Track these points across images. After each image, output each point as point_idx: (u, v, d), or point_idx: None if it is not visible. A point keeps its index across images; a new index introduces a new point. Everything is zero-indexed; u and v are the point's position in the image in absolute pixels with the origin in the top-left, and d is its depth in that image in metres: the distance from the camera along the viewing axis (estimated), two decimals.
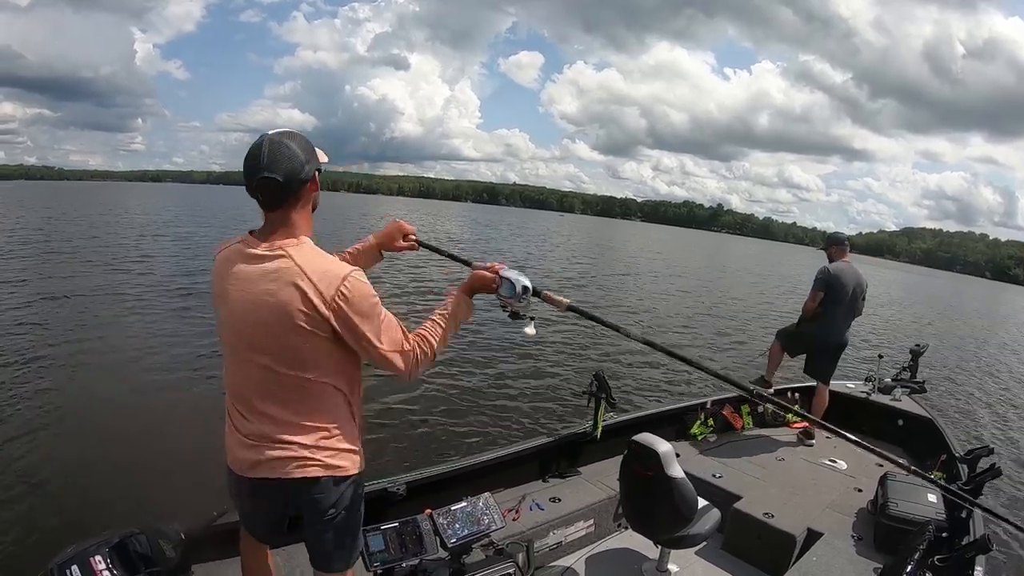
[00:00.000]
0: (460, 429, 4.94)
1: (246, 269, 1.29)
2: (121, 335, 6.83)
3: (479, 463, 2.63)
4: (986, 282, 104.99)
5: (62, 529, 2.99)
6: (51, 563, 1.52)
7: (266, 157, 1.24)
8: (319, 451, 1.33)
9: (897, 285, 39.06)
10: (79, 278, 10.16)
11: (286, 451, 1.31)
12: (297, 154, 1.27)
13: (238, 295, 1.29)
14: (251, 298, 1.27)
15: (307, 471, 1.32)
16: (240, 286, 1.29)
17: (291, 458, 1.31)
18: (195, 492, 2.89)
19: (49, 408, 4.62)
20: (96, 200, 41.51)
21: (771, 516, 2.55)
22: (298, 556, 1.86)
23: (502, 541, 2.19)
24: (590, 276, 18.31)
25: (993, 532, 2.38)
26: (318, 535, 1.40)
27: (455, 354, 7.18)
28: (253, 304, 1.27)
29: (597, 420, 2.97)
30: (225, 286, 1.31)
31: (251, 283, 1.27)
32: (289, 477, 1.31)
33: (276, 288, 1.25)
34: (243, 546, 1.56)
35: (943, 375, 9.70)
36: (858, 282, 3.61)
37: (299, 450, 1.31)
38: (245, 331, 1.30)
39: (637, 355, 8.29)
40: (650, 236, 73.27)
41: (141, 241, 16.65)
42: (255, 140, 1.28)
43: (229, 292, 1.30)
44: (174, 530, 1.78)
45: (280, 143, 1.26)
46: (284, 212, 1.29)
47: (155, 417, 4.41)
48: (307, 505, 1.36)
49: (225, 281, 1.31)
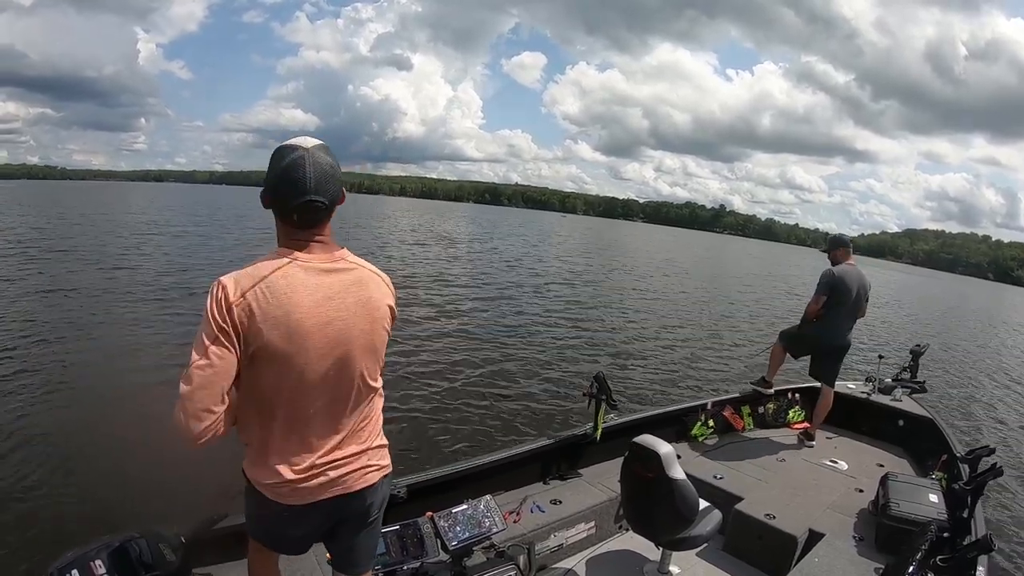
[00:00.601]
0: (461, 431, 4.94)
1: (328, 281, 1.23)
2: (122, 335, 6.83)
3: (480, 465, 2.62)
4: (989, 283, 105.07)
5: (62, 533, 2.98)
6: (51, 567, 1.52)
7: (312, 181, 1.18)
8: (375, 453, 1.37)
9: (899, 286, 39.07)
10: (78, 277, 10.15)
11: (356, 462, 1.33)
12: (338, 173, 1.24)
13: (329, 311, 1.22)
14: (351, 310, 1.25)
15: (369, 477, 1.35)
16: (329, 302, 1.23)
17: (363, 468, 1.34)
18: (195, 496, 2.89)
19: (48, 409, 4.61)
20: (97, 200, 41.54)
21: (772, 517, 2.55)
22: (299, 559, 1.86)
23: (503, 543, 2.19)
24: (584, 276, 18.30)
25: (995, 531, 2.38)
26: (365, 537, 1.44)
27: (455, 356, 7.19)
28: (354, 315, 1.26)
29: (598, 422, 2.97)
30: (306, 303, 1.20)
31: (342, 296, 1.24)
32: (358, 488, 1.34)
33: (369, 296, 1.29)
34: (253, 556, 1.52)
35: (943, 375, 9.70)
36: (861, 284, 3.60)
37: (367, 458, 1.35)
38: (341, 345, 1.24)
39: (637, 357, 8.29)
40: (652, 237, 73.27)
41: (143, 241, 16.64)
42: (290, 154, 1.19)
43: (315, 311, 1.21)
44: (174, 534, 1.78)
45: (323, 163, 1.20)
46: (323, 226, 1.26)
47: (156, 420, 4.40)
48: (364, 510, 1.38)
49: (304, 300, 1.20)
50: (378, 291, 1.32)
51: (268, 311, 1.16)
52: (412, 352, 7.05)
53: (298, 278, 1.20)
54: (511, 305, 11.36)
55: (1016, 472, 5.36)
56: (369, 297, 1.29)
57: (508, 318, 10.02)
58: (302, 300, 1.19)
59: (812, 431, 3.69)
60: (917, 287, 44.91)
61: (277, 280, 1.18)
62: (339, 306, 1.24)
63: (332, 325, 1.22)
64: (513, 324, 9.57)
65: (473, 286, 13.25)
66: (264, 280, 1.17)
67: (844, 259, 3.65)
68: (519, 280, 15.13)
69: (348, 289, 1.26)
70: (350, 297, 1.26)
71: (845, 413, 3.90)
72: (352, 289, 1.27)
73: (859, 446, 3.69)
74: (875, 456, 3.53)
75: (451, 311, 10.00)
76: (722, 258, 45.46)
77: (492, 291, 12.86)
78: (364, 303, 1.28)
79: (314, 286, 1.21)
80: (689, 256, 39.61)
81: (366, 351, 1.30)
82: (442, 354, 7.22)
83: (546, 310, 11.19)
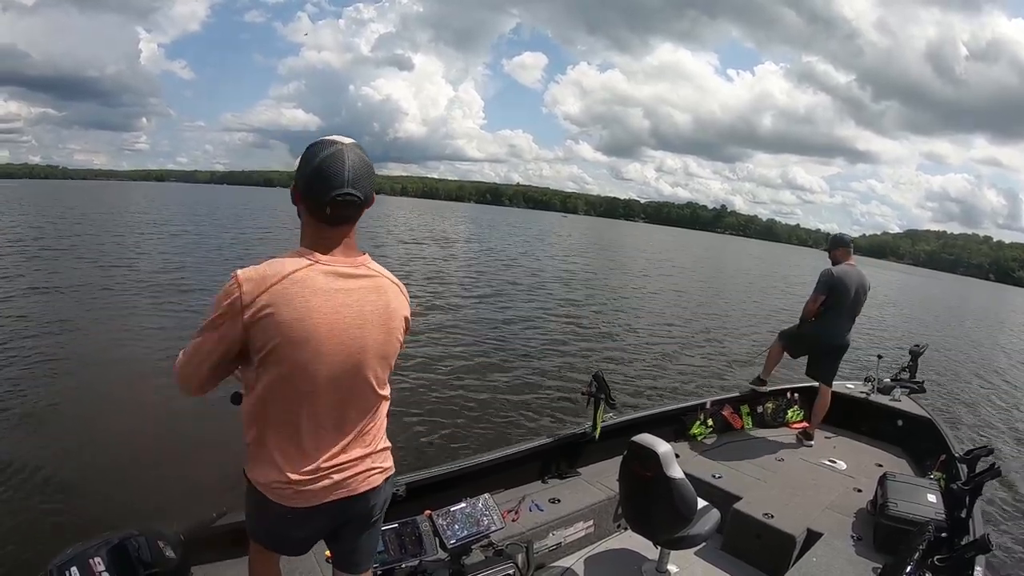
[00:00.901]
0: (459, 430, 4.95)
1: (347, 287, 1.22)
2: (122, 335, 6.82)
3: (478, 464, 2.63)
4: (990, 284, 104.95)
5: (61, 531, 2.99)
6: (50, 564, 1.52)
7: (351, 174, 1.16)
8: (379, 456, 1.37)
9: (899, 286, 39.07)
10: (76, 274, 10.17)
11: (360, 465, 1.33)
12: (373, 172, 1.22)
13: (345, 317, 1.21)
14: (367, 319, 1.24)
15: (373, 479, 1.35)
16: (347, 309, 1.21)
17: (367, 470, 1.34)
18: (195, 494, 2.90)
19: (48, 408, 4.62)
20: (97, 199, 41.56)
21: (771, 516, 2.55)
22: (299, 558, 1.86)
23: (501, 542, 2.19)
24: (581, 276, 18.31)
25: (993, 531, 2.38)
26: (367, 538, 1.44)
27: (454, 355, 7.20)
28: (370, 324, 1.25)
29: (596, 421, 2.97)
30: (323, 307, 1.18)
31: (360, 304, 1.23)
32: (362, 491, 1.33)
33: (387, 304, 1.28)
34: (253, 556, 1.52)
35: (942, 375, 9.70)
36: (861, 284, 3.60)
37: (371, 461, 1.35)
38: (354, 354, 1.23)
39: (637, 356, 8.30)
40: (651, 237, 73.23)
41: (141, 239, 16.66)
42: (328, 148, 1.17)
43: (331, 317, 1.19)
44: (173, 532, 1.78)
45: (361, 158, 1.19)
46: (352, 225, 1.24)
47: (155, 418, 4.41)
48: (367, 511, 1.39)
49: (320, 305, 1.18)
50: (396, 300, 1.30)
51: (282, 313, 1.14)
52: (411, 352, 7.05)
53: (317, 282, 1.18)
54: (511, 305, 11.37)
55: (1015, 472, 5.37)
56: (387, 306, 1.28)
57: (508, 318, 10.03)
58: (319, 305, 1.17)
59: (811, 431, 3.69)
60: (918, 287, 44.97)
61: (295, 282, 1.16)
62: (356, 313, 1.22)
63: (348, 332, 1.21)
64: (512, 324, 9.57)
65: (470, 285, 13.26)
66: (281, 281, 1.15)
67: (844, 259, 3.65)
68: (516, 279, 15.14)
69: (367, 297, 1.24)
70: (368, 305, 1.24)
71: (844, 413, 3.90)
72: (371, 297, 1.25)
73: (858, 446, 3.69)
74: (874, 456, 3.53)
75: (449, 311, 10.01)
76: (721, 258, 45.46)
77: (491, 290, 12.87)
78: (381, 312, 1.26)
79: (332, 291, 1.19)
80: (688, 256, 39.62)
81: (378, 360, 1.29)
82: (440, 353, 7.22)
83: (545, 310, 11.20)
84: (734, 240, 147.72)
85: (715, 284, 21.52)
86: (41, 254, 12.45)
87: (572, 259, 24.16)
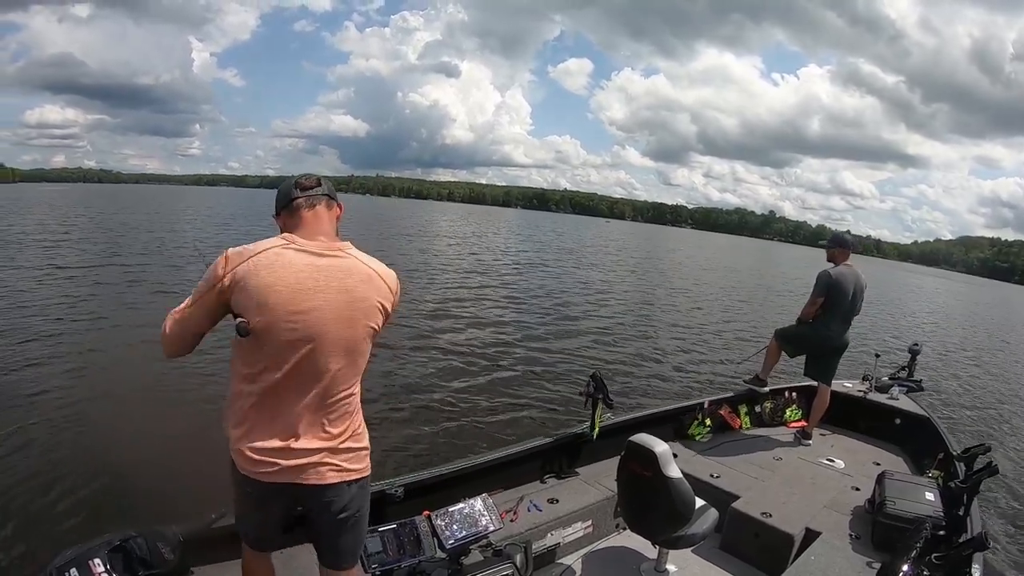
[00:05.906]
0: (457, 430, 4.94)
1: (316, 263, 1.30)
2: (122, 334, 6.81)
3: (477, 464, 2.63)
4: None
5: (61, 532, 2.99)
6: (50, 565, 1.53)
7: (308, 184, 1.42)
8: (343, 455, 1.38)
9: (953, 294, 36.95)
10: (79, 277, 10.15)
11: (312, 457, 1.33)
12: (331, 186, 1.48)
13: (307, 290, 1.27)
14: (330, 295, 1.29)
15: (327, 476, 1.36)
16: (313, 282, 1.28)
17: (321, 465, 1.35)
18: (194, 495, 2.89)
19: (48, 409, 4.61)
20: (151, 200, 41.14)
21: (769, 515, 2.56)
22: (298, 558, 1.87)
23: (500, 542, 2.19)
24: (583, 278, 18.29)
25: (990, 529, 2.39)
26: (341, 534, 1.44)
27: (452, 354, 7.19)
28: (333, 302, 1.30)
29: (595, 421, 2.97)
30: (288, 278, 1.27)
31: (326, 279, 1.30)
32: (311, 483, 1.34)
33: (353, 286, 1.33)
34: (245, 555, 1.54)
35: (942, 375, 9.72)
36: (858, 285, 3.61)
37: (328, 456, 1.35)
38: (312, 327, 1.28)
39: (635, 356, 8.30)
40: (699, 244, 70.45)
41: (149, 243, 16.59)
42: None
43: (294, 288, 1.27)
44: (173, 533, 1.79)
45: (318, 179, 1.45)
46: (323, 214, 1.42)
47: (155, 418, 4.40)
48: (323, 507, 1.39)
49: (286, 277, 1.27)
50: (367, 284, 1.34)
51: (250, 282, 1.25)
52: (411, 351, 7.06)
53: (287, 256, 1.29)
54: (510, 304, 11.36)
55: (1012, 471, 5.37)
56: (354, 287, 1.32)
57: (507, 318, 10.03)
58: (284, 276, 1.26)
59: (809, 430, 3.69)
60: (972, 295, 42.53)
61: (268, 255, 1.28)
62: (321, 287, 1.29)
63: (309, 302, 1.27)
64: (512, 323, 9.57)
65: (472, 286, 13.25)
66: (257, 255, 1.27)
67: (842, 260, 3.65)
68: (518, 280, 15.14)
69: (333, 275, 1.30)
70: (333, 282, 1.30)
71: (842, 412, 3.90)
72: (337, 275, 1.30)
73: (856, 445, 3.70)
74: (872, 454, 3.54)
75: (448, 310, 10.00)
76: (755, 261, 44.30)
77: (490, 289, 12.87)
78: (346, 292, 1.31)
79: (301, 266, 1.28)
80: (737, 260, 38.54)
81: (339, 341, 1.31)
82: (439, 353, 7.22)
83: (545, 310, 11.19)
84: (778, 246, 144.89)
85: (729, 285, 21.33)
86: (40, 253, 12.42)
87: (577, 261, 24.02)
